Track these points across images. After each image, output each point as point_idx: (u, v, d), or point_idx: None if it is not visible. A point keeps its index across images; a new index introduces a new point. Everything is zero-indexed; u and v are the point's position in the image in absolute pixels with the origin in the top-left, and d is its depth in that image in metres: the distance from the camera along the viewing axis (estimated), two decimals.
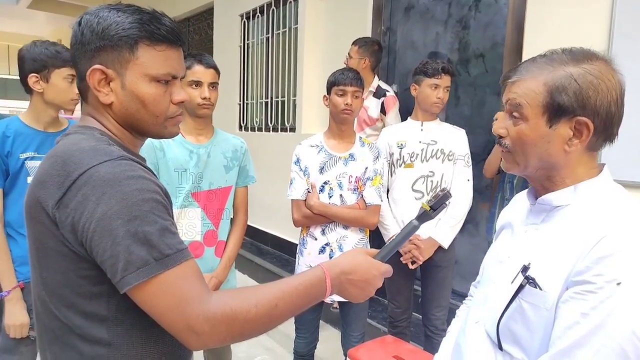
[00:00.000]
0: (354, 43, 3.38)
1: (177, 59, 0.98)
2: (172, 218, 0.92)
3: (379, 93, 3.36)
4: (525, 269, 0.97)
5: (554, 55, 0.97)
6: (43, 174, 0.89)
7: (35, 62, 1.88)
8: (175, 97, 0.99)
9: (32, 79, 1.87)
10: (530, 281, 0.95)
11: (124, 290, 0.82)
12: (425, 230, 2.39)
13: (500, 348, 1.01)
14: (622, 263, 0.84)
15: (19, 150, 1.86)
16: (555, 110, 0.94)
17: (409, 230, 1.07)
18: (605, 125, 0.94)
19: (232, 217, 2.17)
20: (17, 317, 1.80)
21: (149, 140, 1.93)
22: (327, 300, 2.31)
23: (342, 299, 2.28)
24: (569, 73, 0.93)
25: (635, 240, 0.86)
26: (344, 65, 3.05)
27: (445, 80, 2.38)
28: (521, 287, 0.97)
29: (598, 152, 1.01)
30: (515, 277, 0.99)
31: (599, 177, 0.99)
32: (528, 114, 0.97)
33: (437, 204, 1.06)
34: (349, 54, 3.38)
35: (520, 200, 1.17)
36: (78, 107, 2.55)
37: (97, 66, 0.92)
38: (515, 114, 0.99)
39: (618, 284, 0.83)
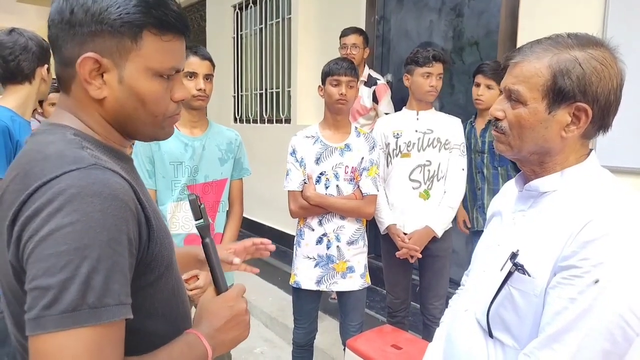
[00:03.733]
0: (355, 33, 3.32)
1: (181, 51, 0.86)
2: (136, 255, 0.75)
3: (370, 82, 3.35)
4: (513, 255, 0.98)
5: (560, 39, 0.95)
6: (4, 191, 0.75)
7: (47, 52, 1.88)
8: (176, 95, 0.86)
9: (44, 69, 1.89)
10: (518, 268, 0.96)
11: (33, 333, 0.64)
12: (421, 220, 2.40)
13: (491, 335, 1.01)
14: (607, 247, 0.85)
15: (23, 139, 1.78)
16: (556, 95, 0.93)
17: (211, 250, 0.96)
18: (602, 113, 0.93)
19: (227, 209, 2.17)
20: None
21: None
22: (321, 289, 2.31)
23: (340, 289, 2.30)
24: (574, 57, 0.92)
25: (621, 223, 0.86)
26: (342, 56, 3.02)
27: (437, 68, 2.36)
28: (510, 274, 0.97)
29: (590, 140, 1.01)
30: (504, 264, 1.00)
31: (585, 162, 0.99)
32: (527, 97, 0.96)
33: (196, 213, 0.96)
34: (353, 44, 3.29)
35: (509, 188, 1.17)
36: None
37: (91, 54, 0.77)
38: (513, 97, 0.98)
39: (604, 267, 0.84)
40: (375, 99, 3.32)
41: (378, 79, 3.37)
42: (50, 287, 0.64)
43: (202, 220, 0.95)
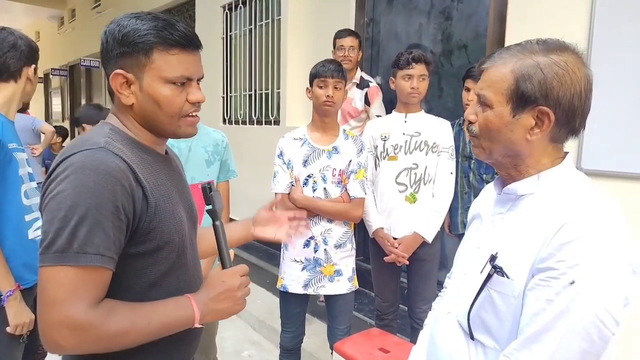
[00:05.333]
0: (351, 35, 3.31)
1: (192, 62, 1.05)
2: (129, 223, 0.95)
3: (362, 84, 3.34)
4: (493, 258, 0.99)
5: (527, 45, 0.99)
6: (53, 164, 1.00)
7: (35, 52, 1.85)
8: (190, 97, 1.06)
9: (32, 69, 1.86)
10: (498, 270, 0.97)
11: (39, 265, 0.90)
12: (408, 223, 2.40)
13: (472, 337, 1.03)
14: (582, 248, 0.86)
15: (6, 139, 1.74)
16: (519, 99, 0.96)
17: (220, 231, 1.15)
18: (567, 117, 0.96)
19: None
20: (28, 314, 1.73)
21: None
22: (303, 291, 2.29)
23: (328, 293, 2.28)
24: (536, 62, 0.95)
25: (595, 225, 0.88)
26: (337, 58, 3.01)
27: (418, 69, 2.35)
28: (489, 276, 0.98)
29: (564, 144, 1.03)
30: (484, 266, 1.01)
31: (561, 166, 1.01)
32: (493, 101, 0.99)
33: (208, 199, 1.15)
34: (350, 46, 3.27)
35: (489, 191, 1.20)
36: None
37: (118, 71, 1.02)
38: (481, 100, 1.02)
39: (579, 269, 0.85)
40: (367, 101, 3.31)
41: (370, 82, 3.37)
42: (49, 233, 0.89)
43: (211, 206, 1.15)
